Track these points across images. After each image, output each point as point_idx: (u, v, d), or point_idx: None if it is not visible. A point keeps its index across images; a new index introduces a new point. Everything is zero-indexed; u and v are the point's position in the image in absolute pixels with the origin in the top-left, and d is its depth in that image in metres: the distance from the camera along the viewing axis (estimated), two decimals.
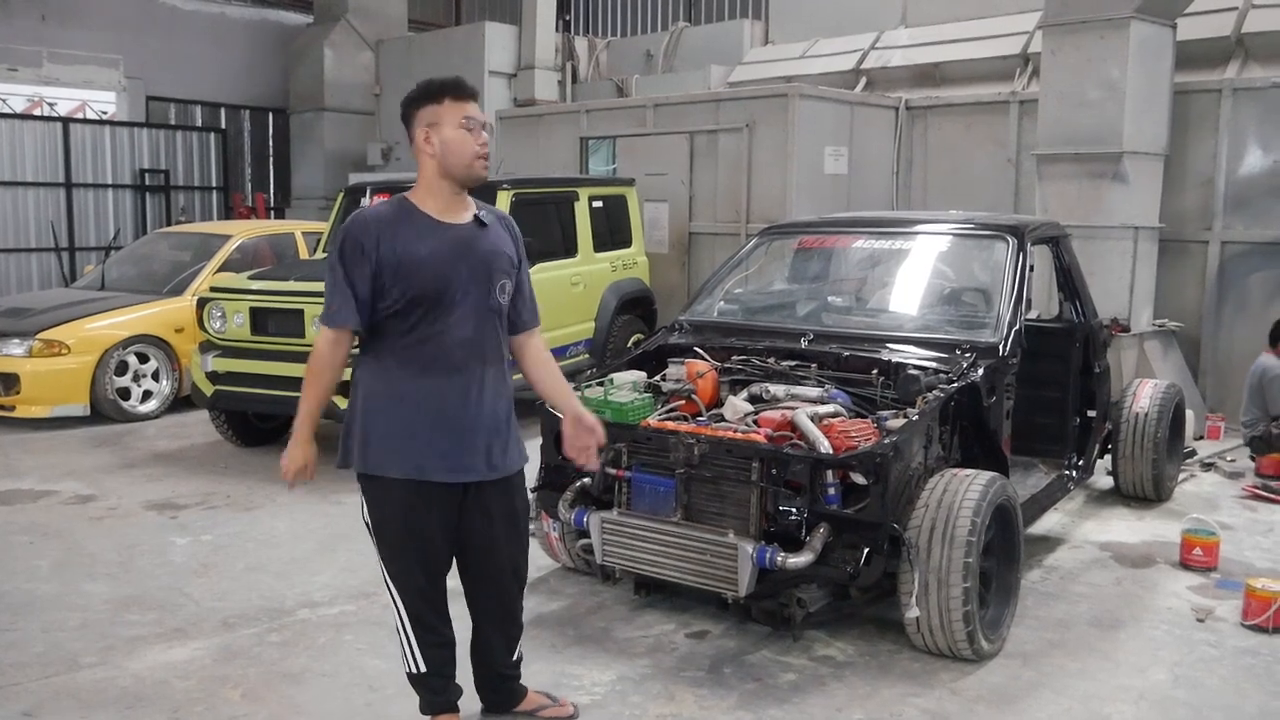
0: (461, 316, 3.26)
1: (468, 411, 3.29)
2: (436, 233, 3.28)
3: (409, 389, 3.26)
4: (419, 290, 3.21)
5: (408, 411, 3.27)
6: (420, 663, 3.47)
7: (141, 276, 9.82)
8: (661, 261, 10.53)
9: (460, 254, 3.27)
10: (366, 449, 3.32)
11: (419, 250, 3.21)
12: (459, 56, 15.19)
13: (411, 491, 3.29)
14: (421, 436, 3.26)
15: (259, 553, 5.61)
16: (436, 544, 3.38)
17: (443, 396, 3.26)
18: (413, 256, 3.20)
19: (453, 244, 3.27)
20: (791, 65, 12.76)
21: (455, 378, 3.27)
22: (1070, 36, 8.09)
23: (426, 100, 3.34)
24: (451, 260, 3.25)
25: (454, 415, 3.27)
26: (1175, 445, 6.75)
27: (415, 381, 3.26)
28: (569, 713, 3.77)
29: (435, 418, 3.26)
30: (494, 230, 3.41)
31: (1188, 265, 8.91)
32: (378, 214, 3.29)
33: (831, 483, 4.02)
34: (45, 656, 4.31)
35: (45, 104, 15.82)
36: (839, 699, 3.96)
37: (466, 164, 3.28)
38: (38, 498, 6.63)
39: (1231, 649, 4.47)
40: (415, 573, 3.38)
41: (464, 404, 3.28)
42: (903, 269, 5.72)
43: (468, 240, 3.31)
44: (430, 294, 3.22)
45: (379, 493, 3.35)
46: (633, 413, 4.51)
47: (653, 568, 4.33)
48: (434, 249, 3.24)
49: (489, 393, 3.33)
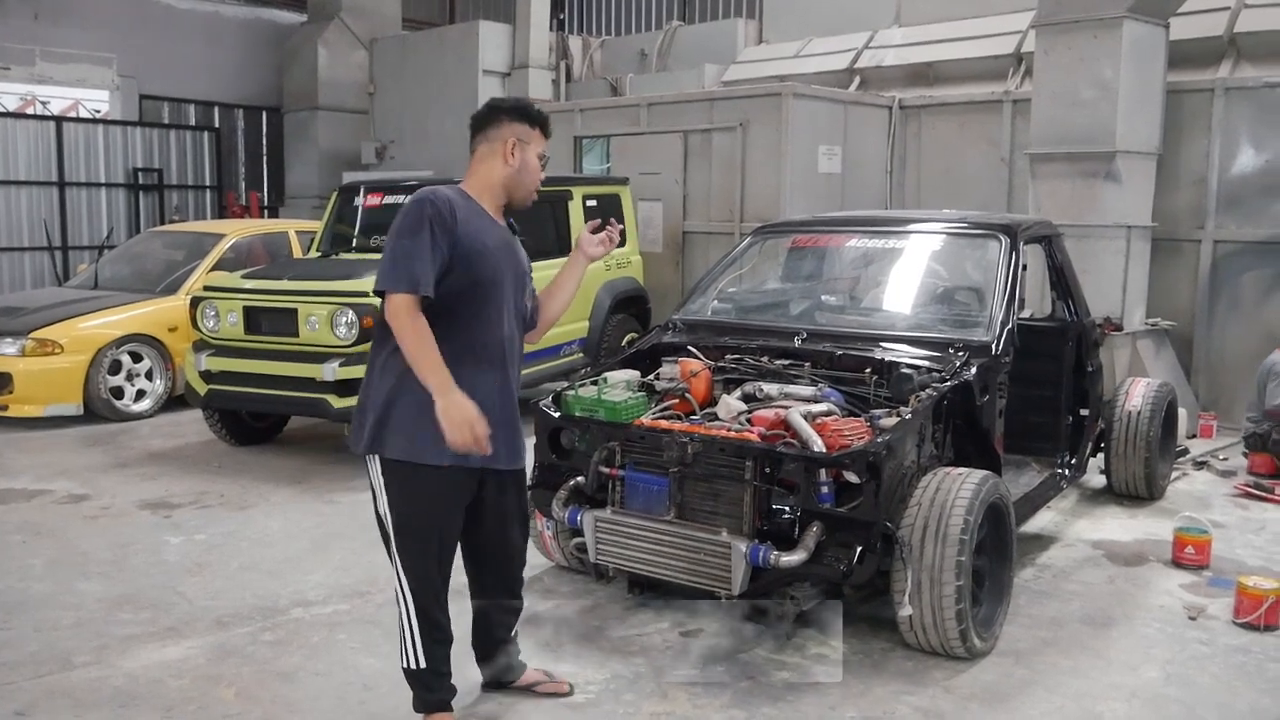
0: (504, 313, 3.41)
1: (510, 404, 3.46)
2: (494, 228, 3.41)
3: (458, 377, 3.24)
4: (483, 278, 3.31)
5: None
6: (421, 658, 3.50)
7: (135, 275, 9.80)
8: (655, 260, 10.53)
9: (510, 256, 3.44)
10: (403, 436, 3.31)
11: (489, 240, 3.34)
12: (453, 55, 15.18)
13: (445, 479, 3.34)
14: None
15: (253, 552, 5.61)
16: (454, 535, 3.50)
17: (486, 387, 3.35)
18: (484, 244, 3.32)
19: (504, 243, 3.43)
20: (785, 64, 12.77)
21: (492, 371, 3.40)
22: (1063, 36, 8.11)
23: (524, 118, 3.46)
24: (506, 259, 3.41)
25: (492, 406, 3.34)
26: (1168, 444, 6.77)
27: (460, 370, 3.26)
28: (565, 690, 3.89)
29: (488, 408, 3.30)
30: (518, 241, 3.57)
31: (1180, 264, 8.94)
32: (450, 195, 3.33)
33: (825, 481, 4.03)
34: (38, 655, 4.31)
35: (38, 102, 15.80)
36: (832, 697, 3.97)
37: (528, 190, 3.47)
38: (31, 497, 6.62)
39: (1223, 647, 4.48)
40: (432, 565, 3.44)
41: (500, 396, 3.41)
42: (896, 268, 5.73)
43: (513, 245, 3.50)
44: (490, 285, 3.34)
45: (410, 481, 3.35)
46: (626, 411, 4.52)
47: (646, 566, 4.33)
48: (497, 243, 3.38)
49: (513, 389, 3.50)
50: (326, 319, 6.94)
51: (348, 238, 8.52)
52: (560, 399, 4.77)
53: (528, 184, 3.46)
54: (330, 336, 6.94)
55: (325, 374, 6.86)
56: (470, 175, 3.49)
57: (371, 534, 3.99)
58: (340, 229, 8.68)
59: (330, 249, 8.60)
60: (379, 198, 8.44)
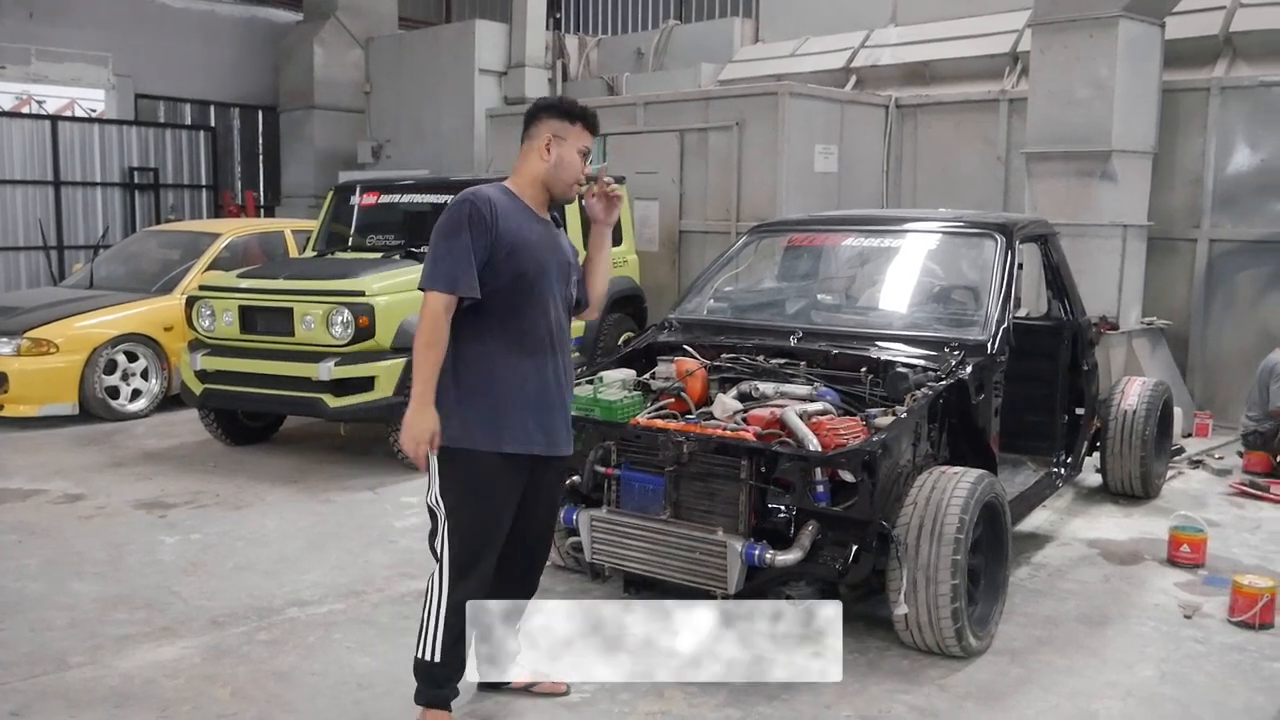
0: (552, 302, 3.50)
1: (556, 391, 3.52)
2: (536, 222, 3.51)
3: (510, 366, 3.41)
4: (527, 271, 3.40)
5: (510, 389, 3.41)
6: (438, 653, 3.49)
7: (130, 275, 9.79)
8: (651, 260, 10.53)
9: (553, 247, 3.53)
10: (468, 426, 3.39)
11: (529, 234, 3.43)
12: (449, 54, 15.16)
13: (496, 465, 3.40)
14: (523, 413, 3.43)
15: (248, 551, 5.60)
16: (506, 519, 3.52)
17: (540, 375, 3.46)
18: (526, 239, 3.41)
19: (548, 235, 3.53)
20: (781, 64, 12.76)
21: (546, 359, 3.48)
22: (1059, 35, 8.11)
23: (562, 115, 3.52)
24: (549, 250, 3.50)
25: (547, 394, 3.48)
26: (1163, 443, 6.78)
27: (516, 359, 3.42)
28: (562, 690, 3.90)
29: (535, 396, 3.45)
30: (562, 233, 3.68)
31: (1176, 263, 8.94)
32: (493, 194, 3.43)
33: (820, 480, 4.03)
34: (33, 655, 4.30)
35: (34, 102, 15.75)
36: (827, 696, 3.97)
37: (568, 184, 3.53)
38: (26, 496, 6.61)
39: (1218, 645, 4.49)
40: (486, 550, 3.49)
41: (553, 384, 3.51)
42: (892, 267, 5.74)
43: (556, 236, 3.59)
44: (534, 276, 3.42)
45: (463, 466, 3.41)
46: (622, 411, 4.52)
47: (642, 565, 4.34)
48: (539, 236, 3.48)
49: (565, 376, 3.58)
50: (322, 318, 6.93)
51: (344, 237, 8.51)
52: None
53: (565, 178, 3.53)
54: (326, 336, 6.93)
55: (321, 373, 6.85)
56: (515, 172, 3.60)
57: (367, 534, 4.00)
58: (336, 228, 8.68)
59: (326, 248, 8.59)
60: (375, 197, 8.43)
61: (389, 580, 5.09)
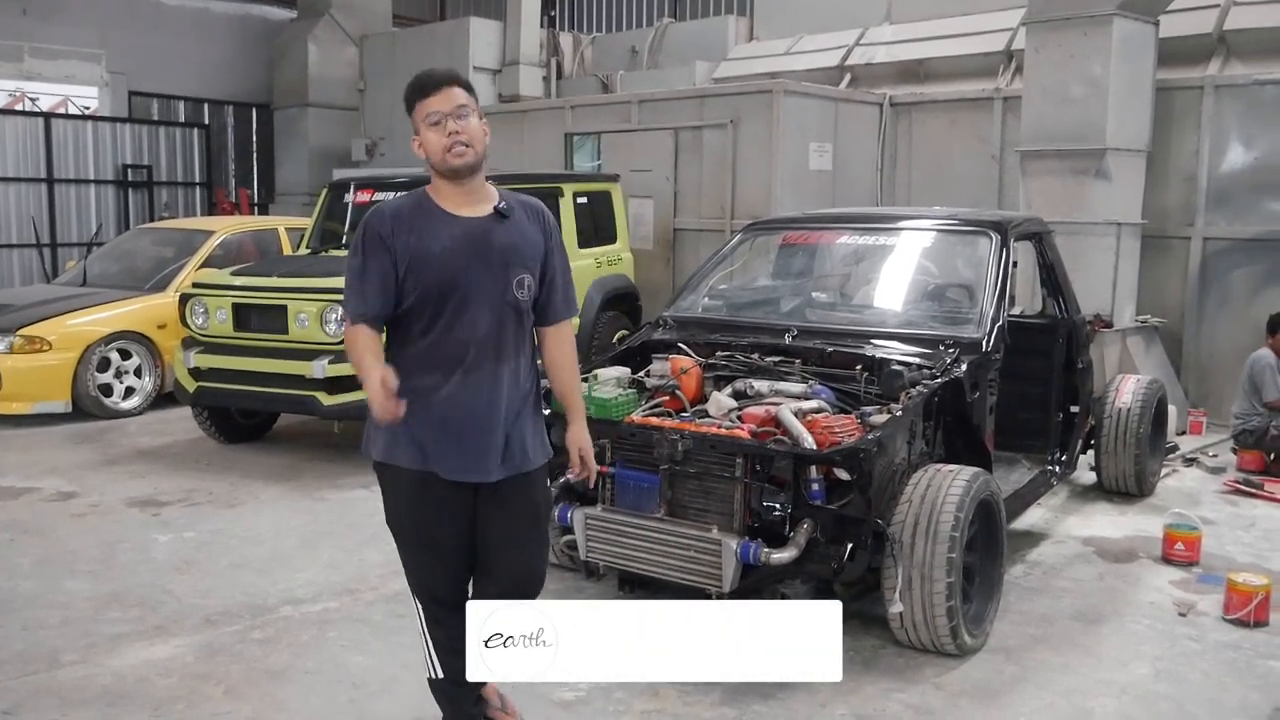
0: (475, 314, 3.15)
1: (483, 412, 3.17)
2: (449, 227, 3.17)
3: (423, 387, 3.12)
4: (430, 285, 3.11)
5: (421, 409, 3.10)
6: (438, 668, 3.35)
7: (124, 272, 9.76)
8: (646, 258, 10.52)
9: (473, 249, 3.17)
10: (381, 439, 3.21)
11: (432, 245, 3.13)
12: (443, 52, 15.12)
13: (420, 485, 3.18)
14: (432, 435, 3.15)
15: (241, 550, 5.59)
16: (447, 543, 3.26)
17: (457, 396, 3.15)
18: (426, 251, 3.12)
19: (465, 239, 3.17)
20: (776, 61, 12.76)
21: (470, 376, 3.15)
22: (1053, 33, 8.12)
23: (408, 109, 3.22)
24: (463, 255, 3.15)
25: (467, 416, 3.16)
26: (1157, 440, 6.79)
27: (429, 379, 3.14)
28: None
29: (447, 417, 3.15)
30: (516, 221, 3.28)
31: (1170, 261, 8.95)
32: (395, 207, 3.21)
33: (815, 478, 4.03)
34: (26, 654, 4.28)
35: (26, 99, 15.69)
36: (823, 695, 3.96)
37: (440, 158, 3.15)
38: (19, 495, 6.59)
39: (1213, 643, 4.49)
40: (427, 571, 3.30)
41: (478, 404, 3.16)
42: (887, 265, 5.74)
43: (483, 234, 3.20)
44: (442, 290, 3.12)
45: (391, 484, 3.26)
46: (617, 408, 4.51)
47: (637, 564, 4.33)
48: (446, 244, 3.14)
49: (507, 390, 3.21)
50: (316, 316, 6.91)
51: (338, 234, 8.49)
52: (550, 396, 4.75)
53: (434, 156, 3.15)
54: (320, 333, 6.92)
55: (315, 371, 6.84)
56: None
57: (361, 532, 4.00)
58: (330, 226, 8.66)
59: (320, 246, 8.57)
60: (369, 194, 8.40)
61: (383, 578, 5.08)
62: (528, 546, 3.35)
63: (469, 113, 3.15)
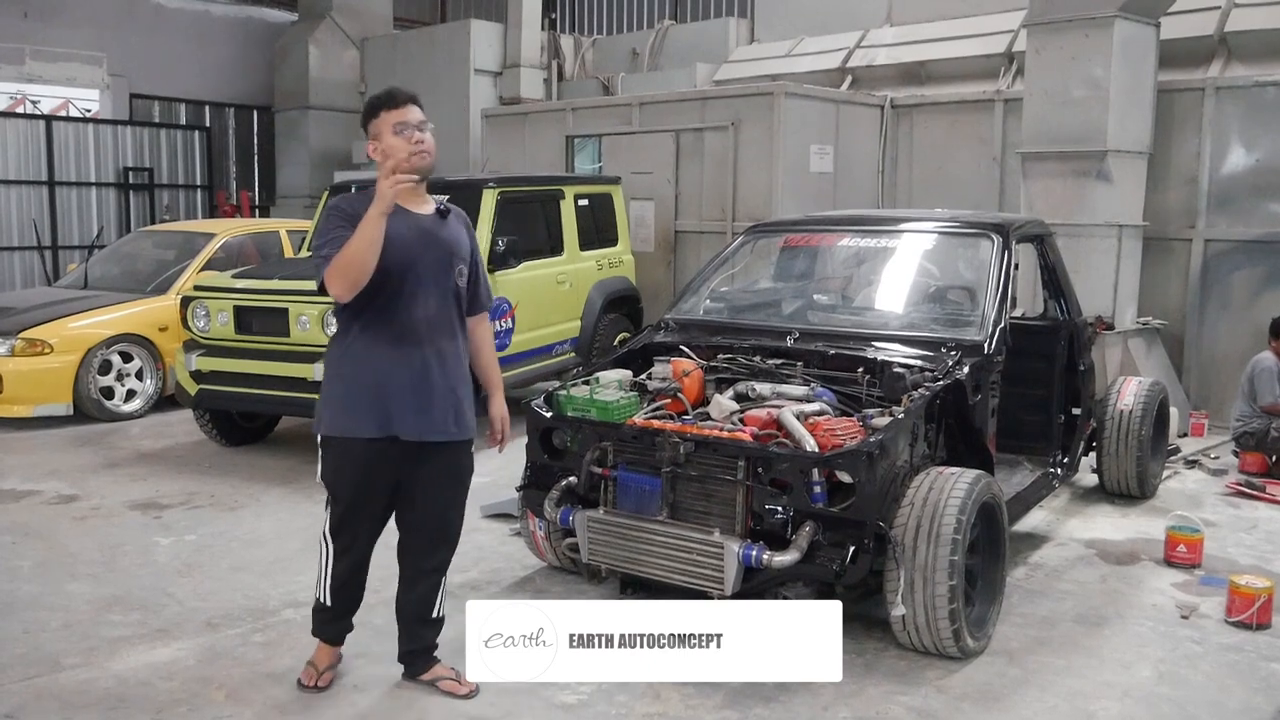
0: (425, 295, 3.69)
1: (428, 380, 3.69)
2: (405, 220, 3.67)
3: (375, 357, 3.67)
4: (388, 267, 3.57)
5: (373, 377, 3.67)
6: (328, 598, 3.92)
7: (125, 275, 9.76)
8: (647, 260, 10.51)
9: (425, 240, 3.71)
10: (332, 413, 3.75)
11: (393, 235, 3.57)
12: (444, 54, 15.15)
13: (369, 450, 3.70)
14: (385, 399, 3.66)
15: (243, 552, 5.59)
16: (380, 502, 3.84)
17: (407, 365, 3.67)
18: (388, 239, 3.54)
19: (419, 231, 3.70)
20: (777, 64, 12.77)
21: (418, 349, 3.69)
22: (1054, 35, 8.12)
23: (369, 117, 3.72)
24: (418, 245, 3.68)
25: (416, 382, 3.68)
26: (1159, 443, 6.79)
27: (382, 350, 3.67)
28: (463, 691, 3.94)
29: (400, 383, 3.67)
30: (452, 222, 3.85)
31: (1171, 263, 8.95)
32: (362, 197, 3.65)
33: (817, 481, 4.03)
34: (27, 658, 4.28)
35: (28, 101, 15.71)
36: (825, 697, 3.96)
37: (400, 162, 3.59)
38: (20, 497, 6.59)
39: (1215, 645, 4.49)
40: (355, 523, 3.83)
41: (426, 373, 3.69)
42: (888, 267, 5.73)
43: (431, 229, 3.75)
44: (400, 271, 3.63)
45: (339, 452, 3.76)
46: (618, 411, 4.51)
47: (639, 566, 4.33)
48: (403, 233, 3.63)
49: (450, 364, 3.75)
50: (317, 319, 6.91)
51: None
52: (552, 398, 4.76)
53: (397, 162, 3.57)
54: (321, 336, 6.90)
55: (316, 374, 6.81)
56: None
57: None
58: None
59: None
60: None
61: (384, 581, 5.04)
62: (452, 507, 3.92)
63: (428, 127, 3.71)
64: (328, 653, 4.06)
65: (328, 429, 3.77)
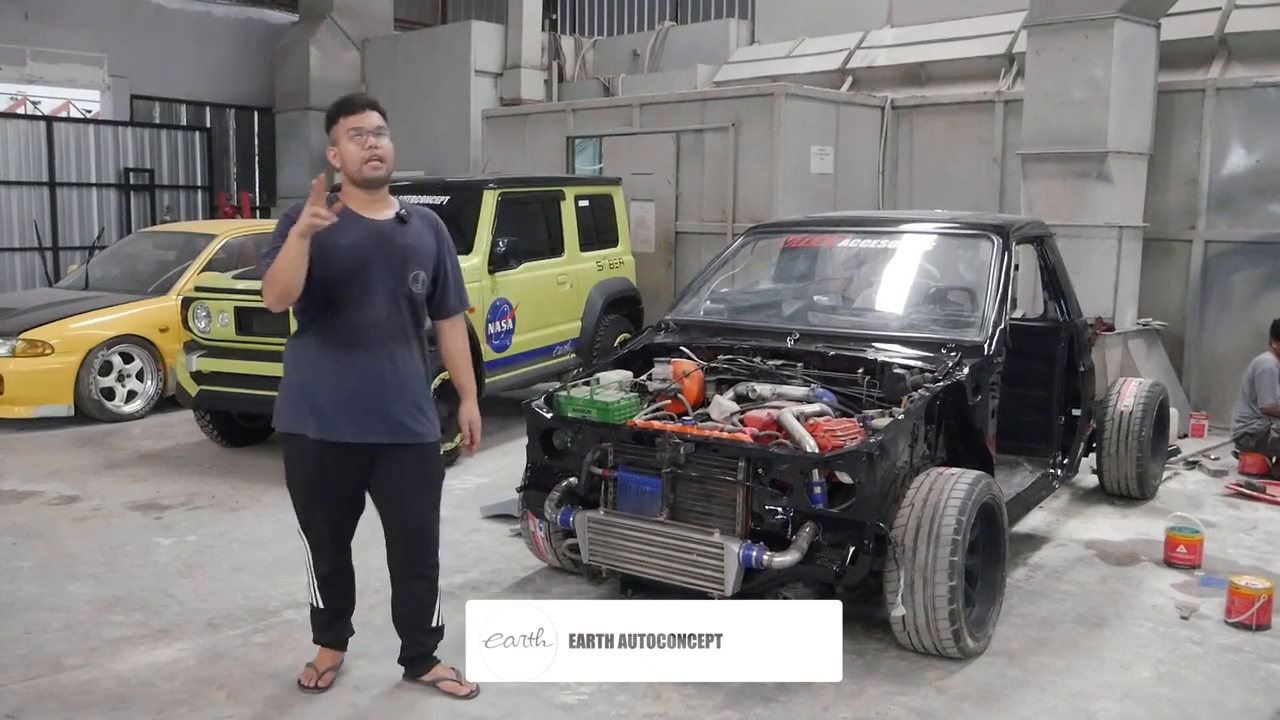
0: (374, 300, 3.70)
1: (376, 384, 3.71)
2: (358, 226, 3.71)
3: (325, 359, 3.71)
4: (335, 273, 3.63)
5: (319, 379, 3.73)
6: (319, 600, 3.99)
7: (126, 276, 9.77)
8: (648, 261, 10.52)
9: (377, 246, 3.72)
10: (285, 411, 3.83)
11: (339, 239, 3.62)
12: (444, 55, 15.15)
13: (321, 451, 3.73)
14: (333, 402, 3.70)
15: (244, 553, 5.59)
16: (340, 501, 3.86)
17: (354, 368, 3.69)
18: (333, 244, 3.61)
19: (371, 237, 3.72)
20: (777, 65, 12.76)
21: (368, 353, 3.70)
22: (1055, 36, 8.12)
23: (329, 125, 3.78)
24: (368, 250, 3.69)
25: (361, 385, 3.70)
26: (1159, 444, 6.79)
27: (330, 353, 3.71)
28: (464, 691, 3.95)
29: (343, 386, 3.69)
30: (414, 227, 3.84)
31: (1172, 264, 8.95)
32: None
33: (817, 482, 4.03)
34: (28, 658, 4.29)
35: (29, 102, 15.72)
36: (825, 698, 3.96)
37: (356, 169, 3.70)
38: (21, 498, 6.59)
39: (1215, 646, 4.50)
40: (317, 524, 3.88)
41: (373, 377, 3.71)
42: (888, 268, 5.74)
43: (386, 234, 3.75)
44: (348, 277, 3.65)
45: (293, 450, 3.83)
46: (618, 412, 4.51)
47: (639, 567, 4.34)
48: (353, 240, 3.67)
49: (401, 368, 3.76)
50: None
51: None
52: (553, 399, 4.77)
53: (352, 166, 3.71)
54: None
55: None
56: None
57: (362, 536, 4.00)
58: None
59: None
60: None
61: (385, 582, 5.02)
62: (420, 510, 3.90)
63: (385, 133, 3.77)
64: (329, 655, 4.09)
65: (280, 425, 3.86)
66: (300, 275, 3.53)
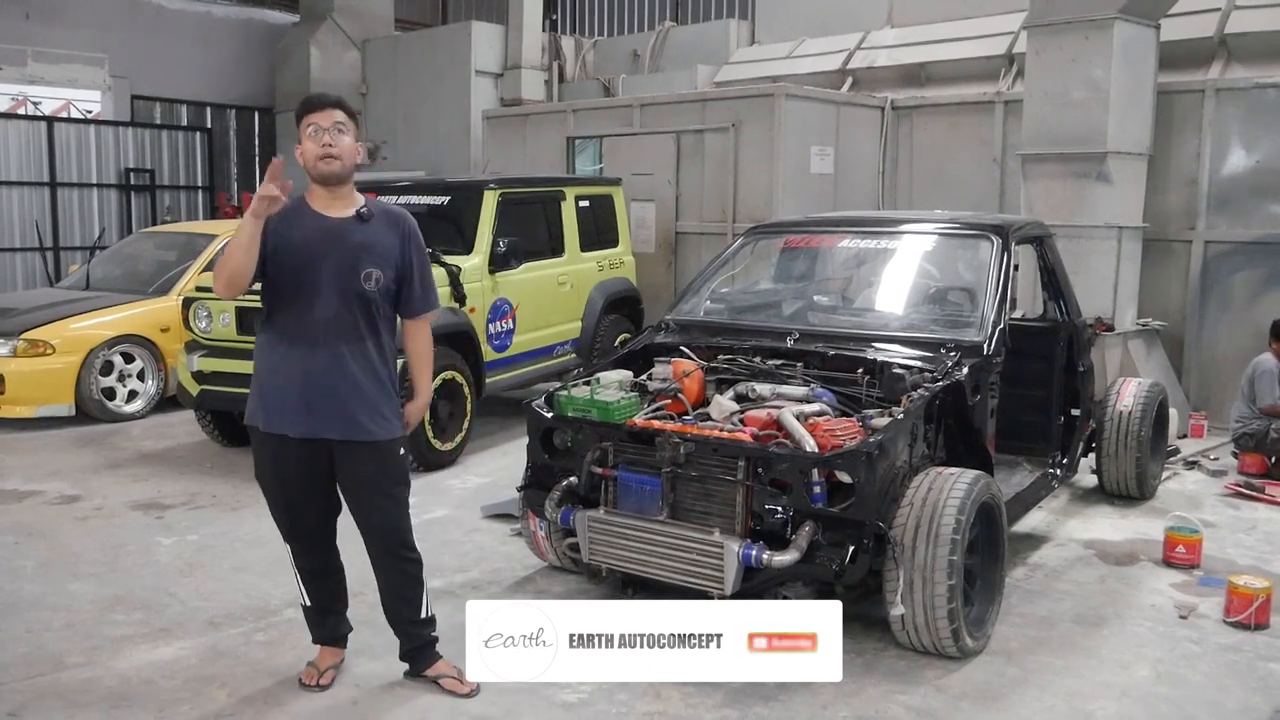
0: (324, 297, 3.69)
1: (326, 381, 3.70)
2: (313, 223, 3.75)
3: (280, 355, 3.74)
4: (285, 269, 3.68)
5: (277, 375, 3.75)
6: (306, 597, 4.03)
7: (127, 276, 9.77)
8: (648, 261, 10.52)
9: (329, 244, 3.72)
10: (250, 405, 3.86)
11: (293, 237, 3.69)
12: (445, 56, 15.17)
13: (277, 445, 3.78)
14: (286, 398, 3.73)
15: (245, 552, 5.60)
16: (305, 496, 3.87)
17: (303, 364, 3.70)
18: (287, 241, 3.67)
19: (323, 235, 3.73)
20: (778, 65, 12.77)
21: (319, 350, 3.70)
22: (1054, 37, 8.13)
23: (296, 121, 3.82)
24: (318, 248, 3.70)
25: (316, 382, 3.70)
26: (1159, 444, 6.80)
27: (285, 349, 3.73)
28: (464, 689, 3.96)
29: (298, 382, 3.71)
30: (376, 226, 3.82)
31: (1171, 265, 8.95)
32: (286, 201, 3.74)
33: (817, 481, 4.04)
34: (30, 657, 4.30)
35: (30, 103, 15.74)
36: (824, 697, 3.97)
37: (312, 165, 3.74)
38: (23, 498, 6.61)
39: (1214, 645, 4.50)
40: (285, 519, 3.94)
41: (325, 373, 3.70)
42: (888, 268, 5.74)
43: (340, 232, 3.75)
44: (298, 273, 3.68)
45: (255, 442, 3.87)
46: (619, 412, 4.52)
47: (639, 566, 4.35)
48: (305, 238, 3.70)
49: (354, 366, 3.73)
50: None
51: None
52: (553, 399, 4.78)
53: (309, 164, 3.75)
54: None
55: None
56: None
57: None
58: None
59: None
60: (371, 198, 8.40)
61: None
62: (384, 508, 3.87)
63: (345, 131, 3.77)
64: (330, 654, 4.10)
65: (246, 418, 3.89)
66: (250, 260, 3.56)
